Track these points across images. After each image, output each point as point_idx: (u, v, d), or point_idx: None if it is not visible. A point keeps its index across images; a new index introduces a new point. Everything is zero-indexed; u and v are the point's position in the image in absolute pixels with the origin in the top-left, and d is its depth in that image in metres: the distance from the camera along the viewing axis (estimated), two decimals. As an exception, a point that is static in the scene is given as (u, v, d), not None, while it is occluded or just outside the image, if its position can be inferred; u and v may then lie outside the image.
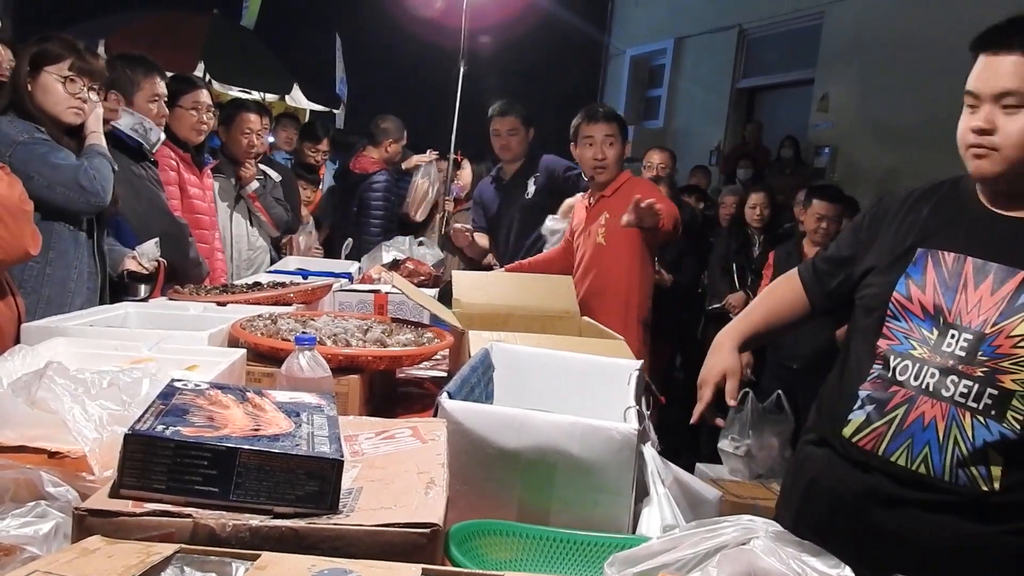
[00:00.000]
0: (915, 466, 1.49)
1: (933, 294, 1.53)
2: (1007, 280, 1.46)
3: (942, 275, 1.53)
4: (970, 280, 1.49)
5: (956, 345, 1.48)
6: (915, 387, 1.51)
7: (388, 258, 3.78)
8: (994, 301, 1.46)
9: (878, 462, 1.54)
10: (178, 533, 0.87)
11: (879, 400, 1.56)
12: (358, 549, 0.88)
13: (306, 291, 2.56)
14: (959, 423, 1.46)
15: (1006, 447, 1.43)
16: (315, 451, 0.95)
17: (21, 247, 1.88)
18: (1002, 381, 1.42)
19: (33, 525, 0.93)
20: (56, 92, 2.37)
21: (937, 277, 1.53)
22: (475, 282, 2.58)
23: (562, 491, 1.22)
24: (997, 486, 1.44)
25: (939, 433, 1.47)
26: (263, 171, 4.09)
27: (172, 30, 7.19)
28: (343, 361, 1.74)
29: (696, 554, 0.77)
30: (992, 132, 1.44)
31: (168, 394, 1.08)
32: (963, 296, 1.49)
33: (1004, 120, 1.43)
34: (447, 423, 1.20)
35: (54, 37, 2.42)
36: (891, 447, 1.53)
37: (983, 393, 1.44)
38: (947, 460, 1.47)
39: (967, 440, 1.45)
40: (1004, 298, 1.45)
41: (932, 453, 1.48)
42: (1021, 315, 1.43)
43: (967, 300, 1.48)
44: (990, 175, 1.49)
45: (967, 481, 1.46)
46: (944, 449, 1.47)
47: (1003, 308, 1.45)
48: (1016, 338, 1.42)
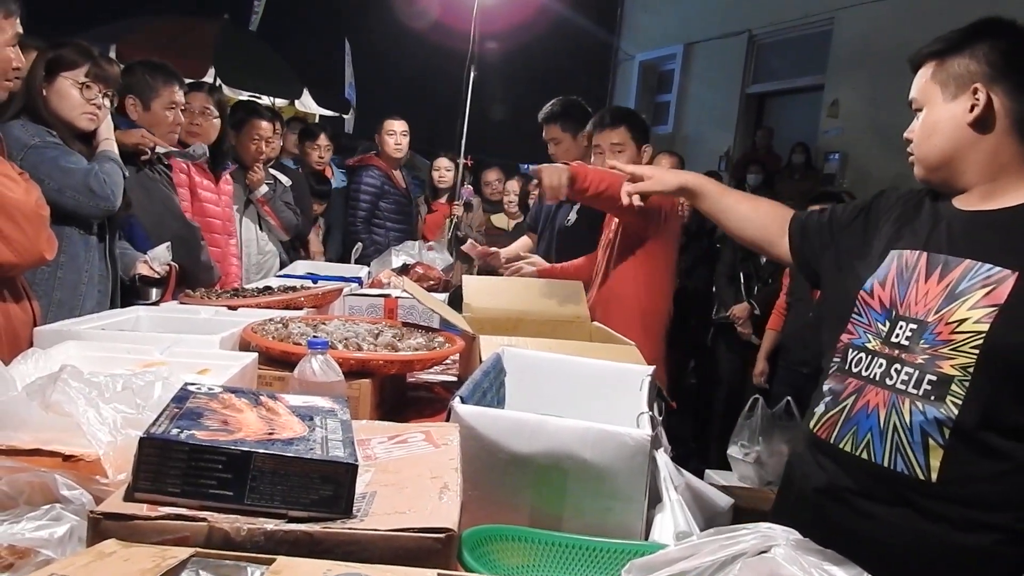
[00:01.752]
0: (859, 451, 1.54)
1: (891, 289, 1.59)
2: (953, 269, 1.51)
3: (901, 271, 1.59)
4: (922, 273, 1.55)
5: (903, 335, 1.53)
6: (865, 377, 1.57)
7: (398, 262, 3.78)
8: (938, 291, 1.51)
9: (830, 450, 1.60)
10: (193, 537, 0.87)
11: (836, 392, 1.63)
12: (372, 554, 0.88)
13: (317, 295, 2.56)
14: (898, 409, 1.50)
15: (942, 435, 1.44)
16: (329, 455, 0.95)
17: (37, 251, 1.89)
18: (941, 367, 1.46)
19: (48, 528, 0.93)
20: (72, 98, 2.38)
21: (896, 273, 1.60)
22: (485, 287, 2.58)
23: (575, 497, 1.21)
24: (935, 476, 1.44)
25: (880, 420, 1.52)
26: (273, 175, 4.10)
27: (183, 35, 7.23)
28: (354, 365, 1.74)
29: (715, 562, 0.76)
30: (911, 140, 1.62)
31: (182, 398, 1.08)
32: (915, 289, 1.55)
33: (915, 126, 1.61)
34: (459, 428, 1.20)
35: (70, 43, 2.44)
36: (840, 434, 1.58)
37: (923, 379, 1.48)
38: (887, 446, 1.50)
39: (904, 426, 1.48)
40: (947, 286, 1.50)
41: (874, 439, 1.53)
42: (960, 300, 1.47)
43: (917, 292, 1.54)
44: (919, 178, 1.63)
45: (904, 468, 1.47)
46: (884, 435, 1.51)
47: (944, 296, 1.49)
48: (955, 323, 1.46)
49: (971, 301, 1.45)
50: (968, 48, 1.52)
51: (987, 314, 1.42)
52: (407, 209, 5.15)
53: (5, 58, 1.92)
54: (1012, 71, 1.49)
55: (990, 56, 1.50)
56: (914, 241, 1.61)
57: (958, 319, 1.45)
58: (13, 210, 1.82)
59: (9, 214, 1.82)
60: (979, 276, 1.46)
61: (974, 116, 1.50)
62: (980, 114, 1.50)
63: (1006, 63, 1.50)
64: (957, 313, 1.46)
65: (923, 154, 1.59)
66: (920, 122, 1.59)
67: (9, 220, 1.82)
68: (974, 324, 1.43)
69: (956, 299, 1.47)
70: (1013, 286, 1.41)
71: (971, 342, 1.43)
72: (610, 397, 1.66)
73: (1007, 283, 1.42)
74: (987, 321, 1.42)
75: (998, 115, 1.50)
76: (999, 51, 1.50)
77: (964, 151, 1.54)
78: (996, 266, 1.45)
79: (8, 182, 1.84)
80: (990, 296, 1.43)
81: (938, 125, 1.55)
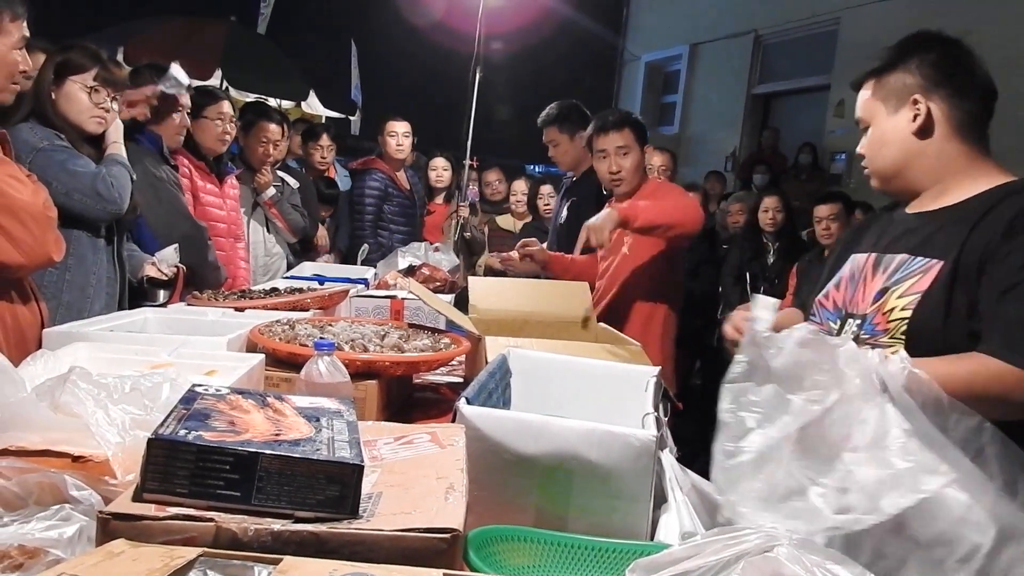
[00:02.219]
0: None
1: (844, 290, 1.70)
2: (890, 264, 1.61)
3: (853, 272, 1.70)
4: (869, 272, 1.65)
5: (849, 331, 1.62)
6: None
7: (404, 264, 3.78)
8: (876, 285, 1.61)
9: None
10: (200, 537, 0.88)
11: None
12: (378, 554, 0.89)
13: (323, 297, 2.57)
14: None
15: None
16: (336, 456, 0.96)
17: (45, 253, 1.90)
18: None
19: (57, 528, 0.94)
20: (80, 101, 2.40)
21: (848, 275, 1.71)
22: (491, 288, 2.58)
23: (580, 497, 1.21)
24: None
25: None
26: (280, 178, 4.11)
27: (190, 38, 7.24)
28: (361, 366, 1.74)
29: (718, 561, 0.76)
30: (864, 156, 1.73)
31: (190, 399, 1.09)
32: (861, 287, 1.65)
33: (864, 142, 1.72)
34: (465, 428, 1.21)
35: (78, 46, 2.45)
36: None
37: None
38: None
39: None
40: (884, 280, 1.60)
41: None
42: (892, 291, 1.56)
43: (863, 290, 1.64)
44: (877, 189, 1.74)
45: None
46: None
47: (880, 288, 1.59)
48: (888, 312, 1.55)
49: (901, 290, 1.55)
50: (902, 63, 1.64)
51: (911, 301, 1.51)
52: (411, 211, 5.14)
53: (12, 61, 1.93)
54: (944, 79, 1.61)
55: (922, 68, 1.62)
56: (867, 245, 1.73)
57: (890, 308, 1.55)
58: (20, 211, 1.84)
59: (16, 215, 1.83)
60: (912, 268, 1.56)
61: (917, 125, 1.61)
62: (922, 123, 1.60)
63: (938, 73, 1.61)
64: (889, 302, 1.55)
65: (877, 167, 1.69)
66: (869, 138, 1.70)
67: (16, 221, 1.83)
68: (901, 311, 1.52)
69: (889, 290, 1.57)
70: (937, 274, 1.50)
71: (899, 328, 1.52)
72: (616, 398, 1.66)
73: (933, 271, 1.51)
74: (911, 307, 1.51)
75: (937, 121, 1.61)
76: (929, 63, 1.62)
77: (912, 159, 1.64)
78: (927, 257, 1.54)
79: (15, 183, 1.85)
80: (917, 284, 1.52)
81: (885, 137, 1.66)
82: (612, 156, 3.07)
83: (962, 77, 1.63)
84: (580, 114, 3.77)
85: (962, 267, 1.48)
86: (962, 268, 1.47)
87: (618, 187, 3.12)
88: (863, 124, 1.71)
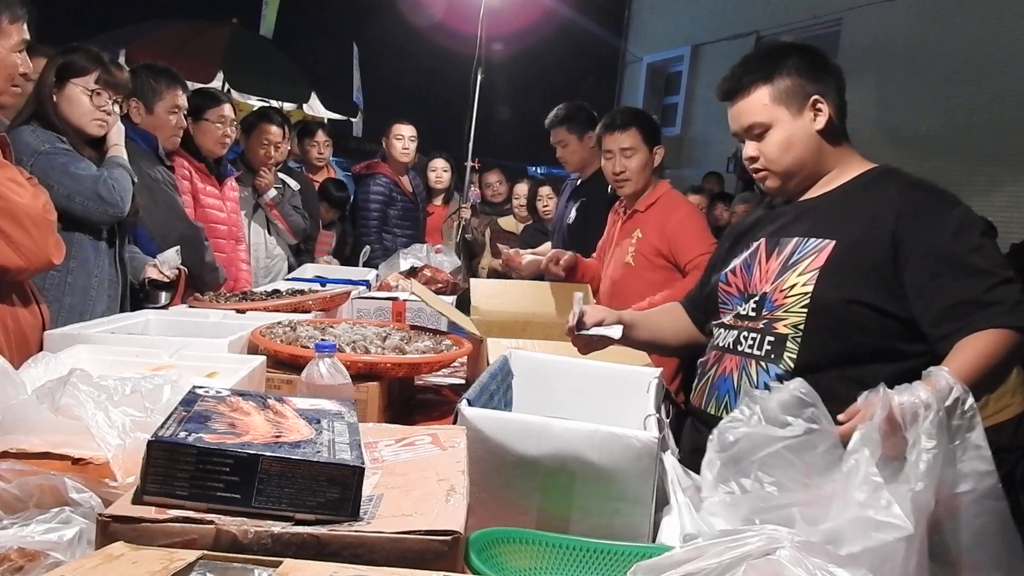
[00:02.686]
0: (719, 412, 1.73)
1: (741, 275, 1.83)
2: (785, 247, 1.74)
3: (746, 259, 1.83)
4: (763, 255, 1.79)
5: (749, 309, 1.77)
6: (721, 348, 1.81)
7: (405, 265, 3.78)
8: (775, 266, 1.74)
9: (702, 415, 1.82)
10: (200, 540, 0.87)
11: (703, 364, 1.88)
12: (379, 556, 0.88)
13: (324, 298, 2.57)
14: (747, 371, 1.72)
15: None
16: (336, 458, 0.96)
17: (44, 256, 1.89)
18: (776, 328, 1.69)
19: (57, 531, 0.94)
20: (82, 104, 2.40)
21: (742, 262, 1.84)
22: (493, 289, 2.58)
23: (582, 499, 1.21)
24: None
25: (734, 381, 1.75)
26: (281, 179, 4.12)
27: (192, 40, 7.26)
28: (362, 368, 1.74)
29: (720, 563, 0.76)
30: (758, 159, 1.78)
31: (190, 401, 1.08)
32: (758, 269, 1.78)
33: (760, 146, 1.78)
34: (467, 430, 1.20)
35: (80, 49, 2.45)
36: (707, 399, 1.81)
37: (763, 341, 1.71)
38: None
39: (753, 384, 1.69)
40: (782, 262, 1.73)
41: (730, 399, 1.74)
42: (791, 270, 1.70)
43: (760, 272, 1.77)
44: (774, 190, 1.83)
45: None
46: (738, 394, 1.70)
47: (779, 269, 1.73)
48: (787, 289, 1.69)
49: (799, 268, 1.68)
50: (784, 69, 1.74)
51: (811, 277, 1.66)
52: (414, 214, 5.14)
53: (11, 63, 1.92)
54: (827, 79, 1.75)
55: (804, 71, 1.74)
56: (758, 233, 1.85)
57: (789, 285, 1.69)
58: (20, 214, 1.83)
59: (16, 218, 1.83)
60: (807, 248, 1.70)
61: (822, 125, 1.73)
62: (826, 123, 1.73)
63: (816, 71, 1.75)
64: (789, 280, 1.69)
65: (783, 168, 1.77)
66: (770, 141, 1.76)
67: (16, 225, 1.83)
68: (802, 287, 1.66)
69: (788, 269, 1.71)
70: (831, 251, 1.65)
71: (800, 303, 1.66)
72: (618, 399, 1.66)
73: (827, 250, 1.66)
74: (811, 283, 1.65)
75: (832, 119, 1.74)
76: (806, 65, 1.75)
77: (817, 156, 1.76)
78: (819, 238, 1.69)
79: (15, 186, 1.85)
80: (814, 262, 1.67)
81: (794, 138, 1.74)
82: (617, 157, 3.04)
83: (836, 75, 1.78)
84: (588, 114, 3.79)
85: (848, 244, 1.64)
86: (848, 245, 1.64)
87: (623, 188, 3.09)
88: (759, 129, 1.76)
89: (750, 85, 1.76)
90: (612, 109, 3.34)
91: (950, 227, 1.59)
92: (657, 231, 2.96)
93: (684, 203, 3.19)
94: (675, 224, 2.95)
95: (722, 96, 1.82)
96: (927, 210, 1.63)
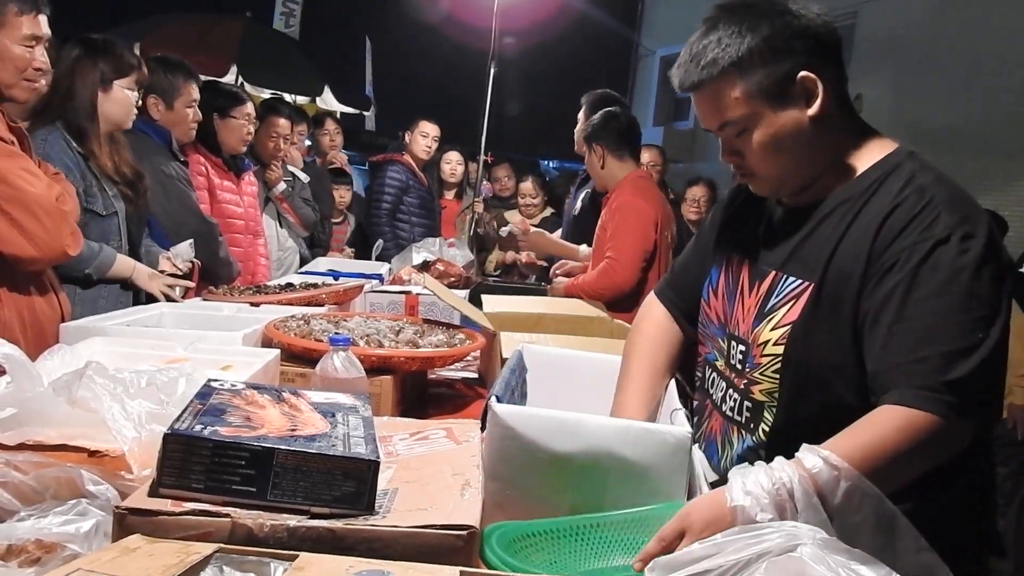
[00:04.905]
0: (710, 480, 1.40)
1: (723, 300, 1.48)
2: (763, 283, 1.38)
3: (728, 281, 1.47)
4: (745, 285, 1.42)
5: (735, 356, 1.42)
6: (713, 400, 1.49)
7: (418, 259, 3.78)
8: (752, 307, 1.39)
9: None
10: (216, 533, 0.88)
11: (699, 412, 1.56)
12: (395, 550, 0.88)
13: (338, 292, 2.57)
14: (729, 437, 1.43)
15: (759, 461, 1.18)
16: (351, 452, 0.96)
17: (59, 246, 1.90)
18: (753, 393, 1.36)
19: (74, 523, 0.94)
20: (128, 105, 2.46)
21: (725, 283, 1.48)
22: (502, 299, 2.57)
23: (615, 495, 1.20)
24: None
25: (718, 446, 1.45)
26: (291, 172, 4.12)
27: (206, 34, 7.27)
28: (376, 362, 1.74)
29: (739, 560, 0.75)
30: (742, 155, 1.37)
31: (205, 394, 1.09)
32: (740, 304, 1.42)
33: (743, 146, 1.36)
34: (495, 427, 1.19)
35: (120, 46, 2.48)
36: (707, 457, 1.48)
37: (743, 407, 1.39)
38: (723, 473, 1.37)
39: (732, 456, 1.40)
40: (758, 303, 1.37)
41: (715, 463, 1.44)
42: (766, 320, 1.35)
43: (742, 307, 1.42)
44: (769, 193, 1.43)
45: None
46: (721, 459, 1.43)
47: (756, 314, 1.37)
48: (762, 346, 1.34)
49: (774, 320, 1.34)
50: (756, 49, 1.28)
51: (782, 334, 1.31)
52: (431, 205, 5.15)
53: (19, 56, 1.90)
54: (808, 43, 1.29)
55: (780, 46, 1.28)
56: (737, 245, 1.49)
57: (763, 341, 1.34)
58: (33, 204, 1.84)
59: (29, 208, 1.84)
60: (784, 291, 1.34)
61: (815, 110, 1.30)
62: (820, 106, 1.30)
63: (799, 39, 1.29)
64: (763, 334, 1.35)
65: (772, 172, 1.36)
66: (752, 142, 1.33)
67: (29, 215, 1.84)
68: (773, 346, 1.32)
69: (764, 318, 1.36)
70: (806, 300, 1.30)
71: (772, 366, 1.33)
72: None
73: (802, 298, 1.31)
74: (782, 342, 1.31)
75: (827, 97, 1.30)
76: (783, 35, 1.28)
77: (811, 151, 1.34)
78: (796, 278, 1.33)
79: (28, 176, 1.86)
80: (789, 314, 1.32)
81: (781, 134, 1.31)
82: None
83: (826, 38, 1.31)
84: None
85: (825, 290, 1.28)
86: (825, 291, 1.28)
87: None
88: (736, 128, 1.34)
89: (713, 79, 1.32)
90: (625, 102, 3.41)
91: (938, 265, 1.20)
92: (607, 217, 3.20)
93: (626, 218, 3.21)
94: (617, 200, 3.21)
95: (683, 89, 1.39)
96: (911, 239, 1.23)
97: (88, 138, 2.35)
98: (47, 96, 2.22)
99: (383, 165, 5.04)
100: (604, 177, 3.31)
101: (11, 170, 1.83)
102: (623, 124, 3.32)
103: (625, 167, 3.28)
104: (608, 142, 3.28)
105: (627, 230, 3.13)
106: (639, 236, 3.12)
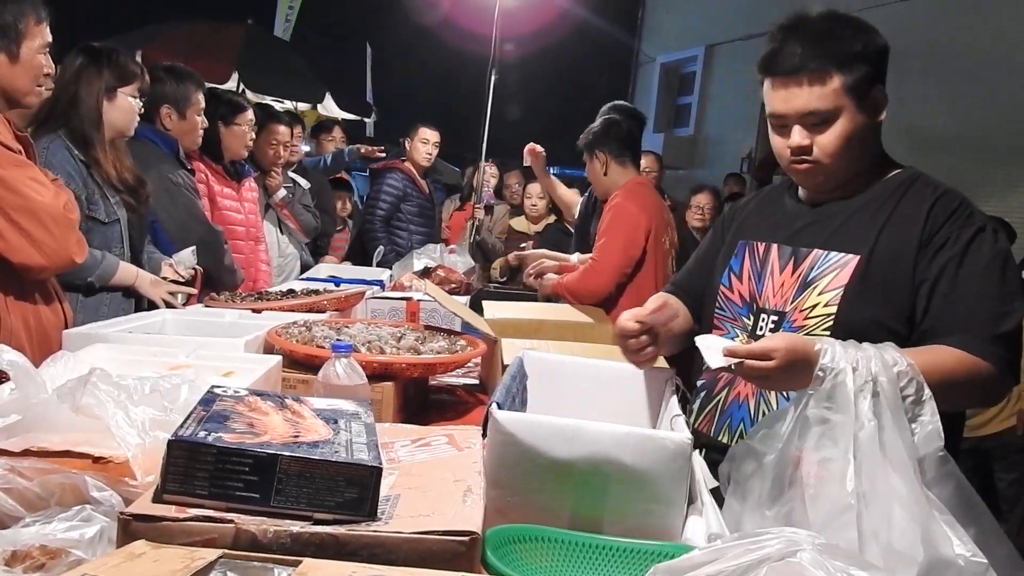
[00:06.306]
0: (734, 441, 1.56)
1: (748, 282, 1.67)
2: (803, 260, 1.59)
3: (754, 263, 1.67)
4: (775, 265, 1.63)
5: (766, 327, 1.60)
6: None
7: (419, 265, 3.79)
8: (792, 281, 1.59)
9: (710, 442, 1.66)
10: (220, 539, 0.88)
11: (708, 387, 1.72)
12: (397, 556, 0.89)
13: (339, 298, 2.58)
14: (766, 398, 1.58)
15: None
16: (354, 458, 0.96)
17: (66, 254, 1.91)
18: None
19: (79, 529, 0.94)
20: (132, 113, 2.48)
21: (750, 266, 1.67)
22: (503, 305, 2.58)
23: (615, 501, 1.20)
24: None
25: (751, 409, 1.60)
26: (291, 179, 4.13)
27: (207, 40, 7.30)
28: (377, 368, 1.75)
29: (739, 566, 0.76)
30: (810, 149, 1.55)
31: (209, 400, 1.09)
32: (770, 281, 1.62)
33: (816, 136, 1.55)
34: (496, 433, 1.20)
35: (123, 54, 2.49)
36: (718, 427, 1.67)
37: None
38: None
39: (772, 411, 1.54)
40: (799, 277, 1.58)
41: (745, 428, 1.59)
42: (811, 288, 1.55)
43: (773, 284, 1.62)
44: (819, 188, 1.63)
45: None
46: (755, 421, 1.57)
47: (798, 286, 1.58)
48: (807, 310, 1.55)
49: (821, 286, 1.54)
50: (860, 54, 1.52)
51: (834, 296, 1.52)
52: (429, 213, 5.16)
53: (38, 64, 1.94)
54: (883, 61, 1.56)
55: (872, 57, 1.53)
56: (761, 233, 1.69)
57: (810, 305, 1.54)
58: (41, 213, 1.85)
59: (37, 217, 1.85)
60: (828, 263, 1.55)
61: (880, 118, 1.55)
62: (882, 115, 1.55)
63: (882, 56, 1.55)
64: (809, 300, 1.55)
65: (837, 163, 1.55)
66: (831, 133, 1.53)
67: (37, 223, 1.85)
68: (824, 308, 1.52)
69: (808, 287, 1.56)
70: (855, 268, 1.51)
71: (823, 325, 1.52)
72: (630, 400, 1.66)
73: (850, 266, 1.52)
74: (834, 304, 1.51)
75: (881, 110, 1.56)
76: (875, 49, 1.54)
77: (864, 153, 1.58)
78: (842, 252, 1.54)
79: (36, 185, 1.87)
80: (836, 279, 1.52)
81: (854, 132, 1.53)
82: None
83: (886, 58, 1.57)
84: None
85: (875, 262, 1.51)
86: (875, 263, 1.51)
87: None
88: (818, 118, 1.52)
89: (820, 68, 1.50)
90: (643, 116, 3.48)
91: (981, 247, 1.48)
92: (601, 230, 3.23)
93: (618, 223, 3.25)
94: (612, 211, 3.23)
95: (778, 71, 1.56)
96: (956, 225, 1.49)
97: (93, 146, 2.36)
98: (51, 104, 2.23)
99: (383, 173, 5.05)
100: (606, 184, 3.32)
101: (19, 179, 1.84)
102: (624, 130, 3.33)
103: (627, 173, 3.29)
104: (610, 149, 3.29)
105: (613, 235, 3.15)
106: (624, 242, 3.13)
